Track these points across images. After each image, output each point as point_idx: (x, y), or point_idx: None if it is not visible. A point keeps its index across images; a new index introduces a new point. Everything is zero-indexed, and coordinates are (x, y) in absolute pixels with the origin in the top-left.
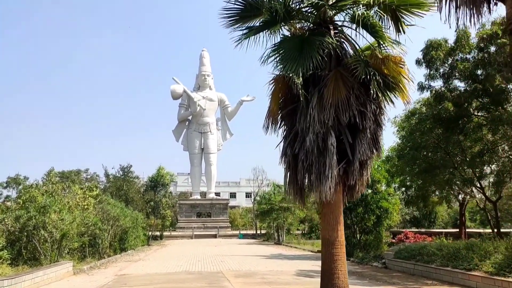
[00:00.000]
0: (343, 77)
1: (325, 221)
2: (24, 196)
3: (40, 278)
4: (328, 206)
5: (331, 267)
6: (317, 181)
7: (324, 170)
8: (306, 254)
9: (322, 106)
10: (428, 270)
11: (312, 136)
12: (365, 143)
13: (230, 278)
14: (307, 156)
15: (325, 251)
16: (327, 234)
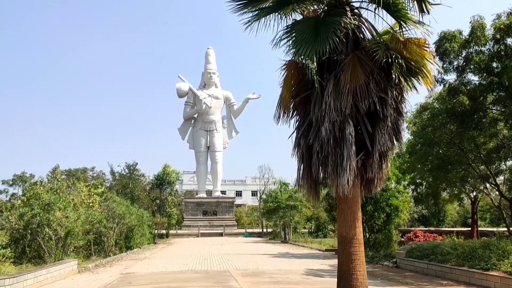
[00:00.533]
0: (362, 62)
1: (342, 218)
2: (29, 193)
3: (44, 277)
4: (345, 201)
5: (349, 267)
6: (334, 174)
7: (341, 162)
8: (314, 253)
9: (338, 93)
10: (442, 270)
11: (328, 125)
12: (385, 133)
13: (238, 278)
14: (323, 147)
15: (342, 250)
16: (344, 231)
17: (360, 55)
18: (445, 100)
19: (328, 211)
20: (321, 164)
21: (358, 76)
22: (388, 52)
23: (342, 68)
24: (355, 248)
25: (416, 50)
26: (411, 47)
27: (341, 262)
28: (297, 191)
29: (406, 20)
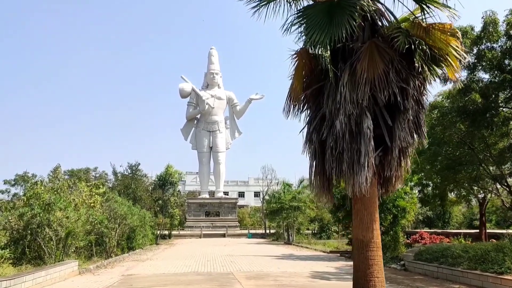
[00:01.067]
0: (380, 49)
1: (358, 219)
2: (29, 193)
3: (43, 279)
4: (362, 202)
5: (366, 273)
6: (350, 171)
7: (358, 158)
8: (318, 255)
9: (354, 83)
10: (453, 273)
11: (343, 119)
12: (406, 127)
13: (241, 280)
14: (337, 142)
15: (358, 254)
16: (360, 234)
17: (378, 42)
18: (456, 99)
19: (333, 212)
20: (336, 161)
21: (376, 65)
22: (409, 38)
23: (358, 57)
24: (372, 252)
25: (440, 36)
26: (434, 33)
27: (357, 267)
28: (300, 192)
29: (430, 3)
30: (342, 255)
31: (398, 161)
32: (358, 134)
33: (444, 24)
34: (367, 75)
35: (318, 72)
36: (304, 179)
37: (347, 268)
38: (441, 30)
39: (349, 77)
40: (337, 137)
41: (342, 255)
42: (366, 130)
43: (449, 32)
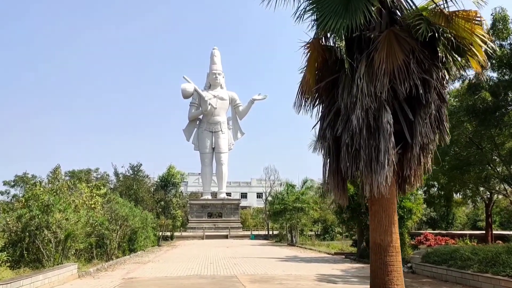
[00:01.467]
0: (399, 38)
1: (376, 222)
2: (27, 194)
3: (41, 282)
4: (380, 202)
5: (385, 280)
6: (367, 170)
7: (376, 155)
8: (323, 257)
9: (372, 75)
10: (463, 276)
11: (360, 113)
12: (427, 122)
13: (246, 284)
14: (353, 138)
15: (375, 259)
16: (378, 237)
17: (397, 31)
18: (465, 97)
19: (338, 213)
20: (352, 159)
21: (396, 55)
22: (432, 26)
23: (376, 47)
24: (391, 258)
25: (464, 25)
26: (457, 21)
27: (375, 273)
28: (304, 193)
29: None
30: (347, 257)
31: (419, 158)
32: (376, 130)
33: (469, 12)
34: (385, 66)
35: (331, 64)
36: (307, 180)
37: (353, 271)
38: (465, 18)
39: (366, 68)
40: (353, 133)
41: (347, 257)
42: (386, 125)
43: (474, 20)
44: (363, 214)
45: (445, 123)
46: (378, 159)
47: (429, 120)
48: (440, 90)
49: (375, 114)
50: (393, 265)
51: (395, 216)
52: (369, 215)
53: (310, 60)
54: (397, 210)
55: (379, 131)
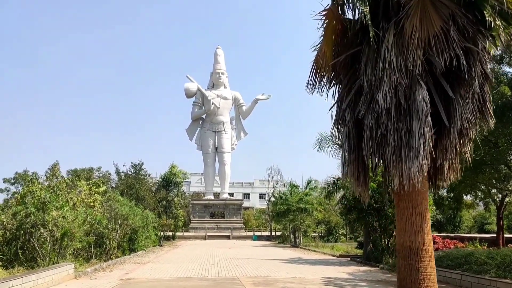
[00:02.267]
0: (435, 2)
1: (404, 220)
2: (23, 190)
3: (33, 283)
4: (409, 198)
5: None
6: (396, 158)
7: (408, 140)
8: (328, 259)
9: (402, 46)
10: (480, 282)
11: (388, 91)
12: (469, 102)
13: (248, 287)
14: (379, 121)
15: (404, 265)
16: (407, 239)
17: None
18: None
19: (344, 214)
20: (377, 145)
21: (432, 22)
22: None
23: (407, 13)
24: (423, 263)
25: None
26: None
27: (404, 282)
28: (308, 194)
29: None
30: (353, 260)
31: (457, 146)
32: (407, 110)
33: None
34: (419, 34)
35: (351, 37)
36: (311, 181)
37: (361, 274)
38: None
39: (394, 38)
40: (378, 114)
41: (353, 259)
42: (421, 104)
43: None
44: (370, 215)
45: (489, 104)
46: (410, 145)
47: (472, 100)
48: (482, 65)
49: (406, 91)
50: (425, 272)
51: (427, 213)
52: (396, 213)
53: (327, 31)
54: None
55: (411, 111)
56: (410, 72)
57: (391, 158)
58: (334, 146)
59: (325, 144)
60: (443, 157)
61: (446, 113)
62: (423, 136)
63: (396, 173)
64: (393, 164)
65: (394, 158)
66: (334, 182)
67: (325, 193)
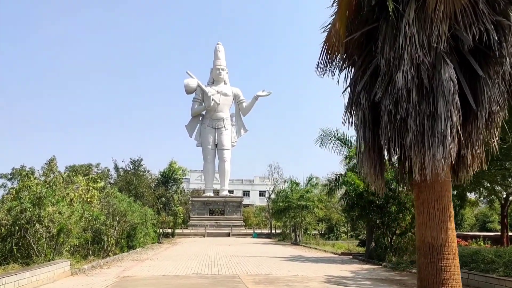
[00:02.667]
0: None
1: (425, 214)
2: (19, 185)
3: (27, 280)
4: (432, 189)
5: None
6: (417, 144)
7: (431, 125)
8: (329, 257)
9: (425, 21)
10: (488, 280)
11: (409, 70)
12: (499, 82)
13: (249, 285)
14: (398, 104)
15: (425, 263)
16: (428, 235)
17: None
18: None
19: (346, 211)
20: (395, 131)
21: None
22: None
23: None
24: (447, 261)
25: None
26: None
27: (425, 282)
28: (309, 191)
29: None
30: (355, 258)
31: (483, 132)
32: (431, 91)
33: None
34: (444, 7)
35: (366, 13)
36: (312, 178)
37: (364, 273)
38: None
39: (416, 13)
40: (398, 96)
41: (355, 257)
42: (448, 83)
43: None
44: (373, 212)
45: None
46: (434, 129)
47: (501, 80)
48: None
49: (429, 70)
50: (449, 271)
51: (450, 206)
52: (416, 206)
53: (341, 4)
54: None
55: (434, 92)
56: (434, 49)
57: (412, 145)
58: (337, 142)
59: (327, 140)
60: (468, 145)
61: (473, 95)
62: (450, 119)
63: (417, 162)
64: (415, 152)
65: (415, 144)
66: (336, 179)
67: (327, 189)
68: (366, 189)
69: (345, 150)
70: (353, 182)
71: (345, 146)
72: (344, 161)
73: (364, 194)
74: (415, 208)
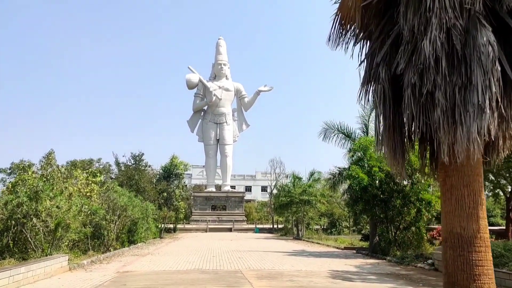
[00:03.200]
0: None
1: (453, 201)
2: (15, 179)
3: (23, 276)
4: (460, 173)
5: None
6: (448, 121)
7: (464, 97)
8: (332, 251)
9: None
10: (498, 275)
11: (437, 36)
12: None
13: (252, 280)
14: (424, 75)
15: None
16: (457, 225)
17: None
18: None
19: (350, 205)
20: (420, 106)
21: None
22: None
23: None
24: (479, 255)
25: None
26: None
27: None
28: (311, 185)
29: None
30: (358, 252)
31: None
32: (463, 60)
33: None
34: None
35: None
36: (314, 172)
37: (369, 267)
38: None
39: None
40: (424, 67)
41: (358, 252)
42: (486, 48)
43: None
44: (377, 206)
45: None
46: (468, 102)
47: None
48: None
49: (462, 35)
50: (482, 265)
51: (482, 193)
52: (442, 193)
53: None
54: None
55: (468, 60)
56: (467, 11)
57: (441, 121)
58: (340, 135)
59: (330, 133)
60: (503, 123)
61: (510, 65)
62: (488, 90)
63: (447, 140)
64: (444, 129)
65: (445, 120)
66: (339, 173)
67: (330, 183)
68: (370, 182)
69: (348, 144)
70: (357, 176)
71: (349, 139)
72: (348, 155)
73: (368, 188)
74: (441, 195)
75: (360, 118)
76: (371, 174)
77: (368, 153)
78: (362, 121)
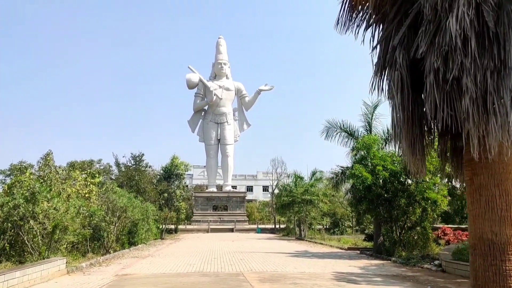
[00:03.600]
0: None
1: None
2: (12, 180)
3: (18, 280)
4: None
5: None
6: (478, 110)
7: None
8: (335, 252)
9: None
10: None
11: (465, 12)
12: None
13: (254, 283)
14: (448, 59)
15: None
16: (488, 229)
17: None
18: None
19: (353, 205)
20: (445, 95)
21: None
22: None
23: None
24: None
25: None
26: None
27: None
28: (313, 185)
29: None
30: (362, 253)
31: None
32: (495, 40)
33: None
34: None
35: None
36: (316, 172)
37: (374, 268)
38: None
39: None
40: (449, 48)
41: (362, 252)
42: None
43: None
44: (381, 206)
45: None
46: (502, 89)
47: None
48: None
49: (494, 11)
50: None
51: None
52: (469, 193)
53: None
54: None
55: (501, 41)
56: None
57: (470, 111)
58: (343, 134)
59: (333, 132)
60: None
61: None
62: None
63: (477, 133)
64: (474, 120)
65: (475, 110)
66: (342, 172)
67: (333, 183)
68: (374, 181)
69: (351, 142)
70: (360, 175)
71: (352, 138)
72: (351, 153)
73: (372, 187)
74: (467, 196)
75: (363, 116)
76: (374, 173)
77: (372, 152)
78: (365, 119)
